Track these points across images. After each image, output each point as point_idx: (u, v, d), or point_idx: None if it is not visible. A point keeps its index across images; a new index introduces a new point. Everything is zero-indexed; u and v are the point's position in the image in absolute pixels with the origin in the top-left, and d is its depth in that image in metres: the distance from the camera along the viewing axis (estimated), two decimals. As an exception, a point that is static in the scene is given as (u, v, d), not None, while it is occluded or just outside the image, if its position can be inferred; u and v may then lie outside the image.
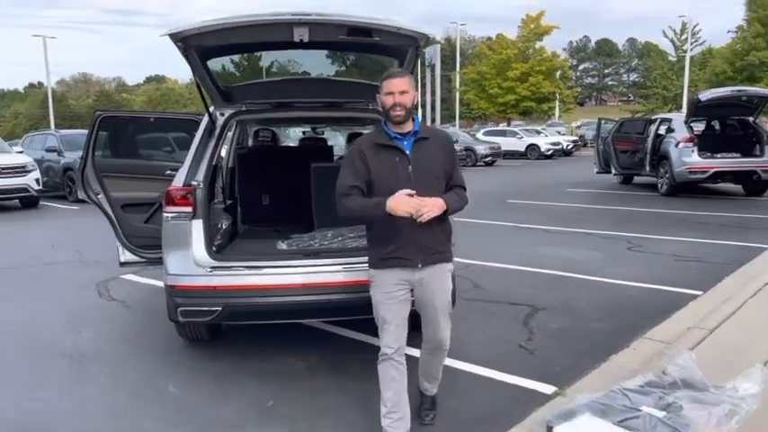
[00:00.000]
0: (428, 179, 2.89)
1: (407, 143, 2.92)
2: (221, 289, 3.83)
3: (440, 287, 3.03)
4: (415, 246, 2.90)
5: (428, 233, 2.90)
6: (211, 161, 4.17)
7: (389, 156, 2.89)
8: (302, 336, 4.75)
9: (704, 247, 8.10)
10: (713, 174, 12.96)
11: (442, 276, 3.04)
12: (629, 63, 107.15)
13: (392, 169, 2.87)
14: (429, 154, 2.94)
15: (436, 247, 2.97)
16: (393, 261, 2.93)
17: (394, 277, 2.95)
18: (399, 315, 2.97)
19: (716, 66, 43.30)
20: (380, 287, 2.99)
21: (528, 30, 44.12)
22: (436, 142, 3.01)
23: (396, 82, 2.87)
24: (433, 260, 2.98)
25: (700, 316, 4.98)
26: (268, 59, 4.58)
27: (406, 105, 2.86)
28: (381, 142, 2.92)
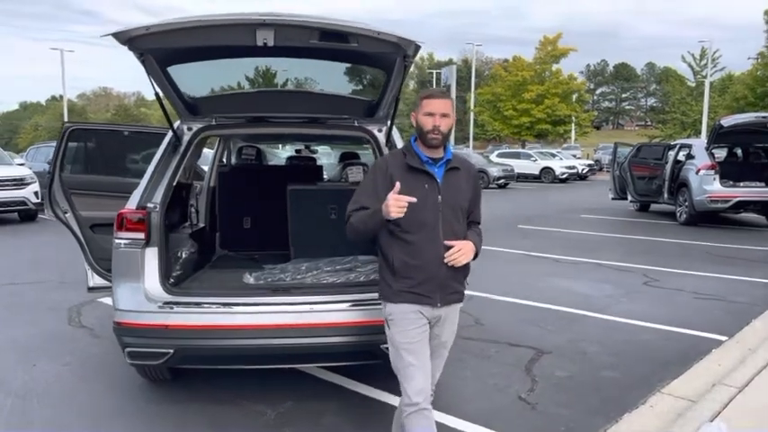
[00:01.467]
0: (455, 212, 2.71)
1: (439, 171, 2.71)
2: (174, 328, 3.35)
3: (450, 323, 2.86)
4: (436, 284, 2.69)
5: (452, 272, 2.70)
6: (172, 181, 3.72)
7: (419, 181, 2.66)
8: (274, 376, 4.23)
9: (727, 283, 7.49)
10: (736, 203, 12.32)
11: (454, 315, 2.87)
12: (647, 88, 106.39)
13: (420, 196, 2.60)
14: (458, 185, 2.75)
15: (456, 287, 2.78)
16: (411, 296, 2.69)
17: (413, 312, 2.70)
18: (424, 355, 2.71)
19: (736, 91, 42.57)
20: (400, 325, 2.70)
21: (545, 52, 43.77)
22: (466, 174, 2.81)
23: (438, 103, 2.65)
24: (451, 300, 2.78)
25: (725, 367, 4.42)
26: (247, 69, 4.10)
27: (444, 131, 2.66)
28: (414, 165, 2.68)
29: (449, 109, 2.67)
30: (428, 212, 2.61)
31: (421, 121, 2.66)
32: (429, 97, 2.68)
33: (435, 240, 2.62)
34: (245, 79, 4.11)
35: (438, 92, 2.75)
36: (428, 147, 2.66)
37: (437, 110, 2.63)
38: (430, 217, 2.61)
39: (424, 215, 2.60)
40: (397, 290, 2.70)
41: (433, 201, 2.63)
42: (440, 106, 2.64)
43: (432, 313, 2.73)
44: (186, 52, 3.27)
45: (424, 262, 2.63)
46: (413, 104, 2.79)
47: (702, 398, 3.73)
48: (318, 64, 3.71)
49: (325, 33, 2.96)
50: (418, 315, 2.69)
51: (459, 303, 2.86)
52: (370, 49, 3.09)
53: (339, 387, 4.13)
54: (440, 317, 2.76)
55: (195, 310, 3.39)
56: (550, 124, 43.37)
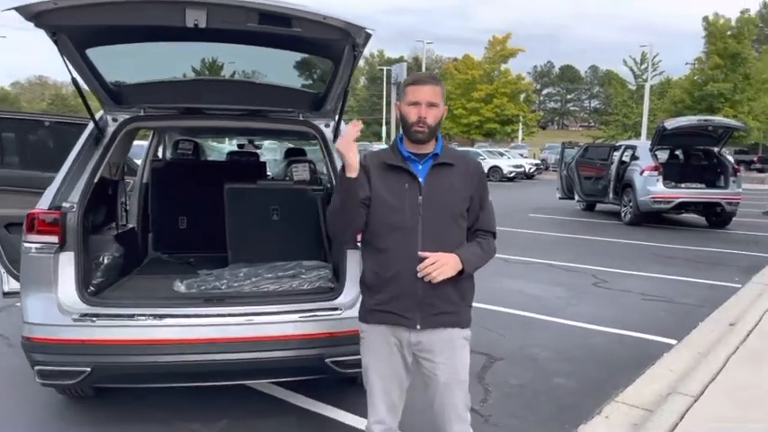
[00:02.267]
0: (441, 216, 2.28)
1: (423, 167, 2.30)
2: (91, 344, 2.97)
3: (446, 358, 2.34)
4: (413, 300, 2.26)
5: (436, 288, 2.23)
6: (93, 177, 3.33)
7: (398, 180, 2.28)
8: (210, 390, 3.87)
9: (672, 284, 7.56)
10: (678, 204, 12.60)
11: (449, 344, 2.35)
12: (590, 90, 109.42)
13: (398, 196, 2.25)
14: (449, 184, 2.30)
15: (443, 307, 2.29)
16: (383, 315, 2.31)
17: (385, 336, 2.34)
18: (392, 384, 2.37)
19: (675, 95, 44.20)
20: (370, 347, 2.38)
21: (494, 51, 44.32)
22: (462, 171, 2.34)
23: (424, 91, 2.25)
24: (437, 322, 2.30)
25: (677, 373, 4.36)
26: (187, 57, 3.72)
27: (432, 123, 2.26)
28: (391, 162, 2.30)
29: (437, 97, 2.27)
30: (404, 215, 2.23)
31: (404, 112, 2.27)
32: (414, 83, 2.27)
33: (411, 248, 2.21)
34: (181, 67, 3.75)
35: (424, 77, 2.32)
36: (413, 141, 2.29)
37: (423, 98, 2.24)
38: (406, 220, 2.23)
39: (398, 217, 2.23)
40: (369, 307, 2.35)
41: (412, 202, 2.24)
42: (426, 94, 2.24)
43: (409, 338, 2.31)
44: (106, 33, 2.89)
45: (396, 274, 2.23)
46: (399, 94, 2.41)
47: (659, 408, 3.61)
48: (266, 55, 3.38)
49: (265, 16, 2.65)
50: (390, 340, 2.33)
51: (456, 329, 2.34)
52: (316, 35, 2.79)
53: (281, 401, 3.83)
54: (421, 343, 2.31)
55: (116, 322, 3.02)
56: (499, 123, 44.00)
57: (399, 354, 2.35)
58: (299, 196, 4.12)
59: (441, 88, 2.31)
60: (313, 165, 5.28)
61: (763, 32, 61.23)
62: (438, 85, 2.30)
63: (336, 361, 3.08)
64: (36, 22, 2.58)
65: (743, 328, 5.14)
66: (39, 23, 2.60)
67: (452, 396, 2.37)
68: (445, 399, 2.37)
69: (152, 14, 2.63)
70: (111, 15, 2.62)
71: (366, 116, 73.94)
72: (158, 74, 3.55)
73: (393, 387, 2.38)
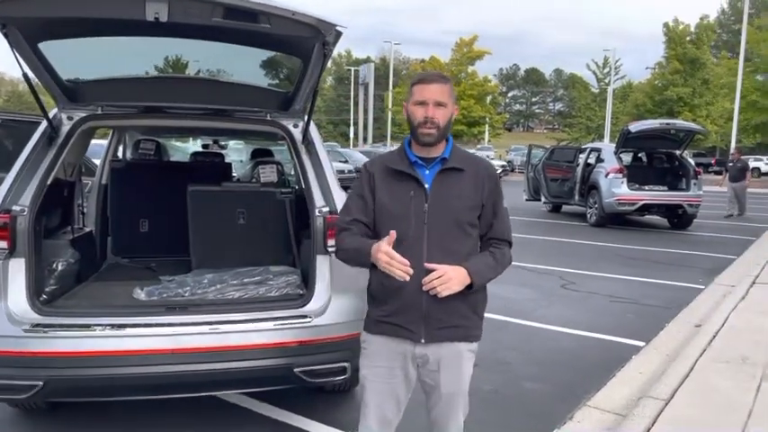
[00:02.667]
0: (449, 225, 2.16)
1: (430, 173, 2.18)
2: (43, 356, 2.79)
3: (451, 371, 2.24)
4: (417, 313, 2.15)
5: (441, 301, 2.11)
6: (47, 179, 3.14)
7: (403, 187, 2.16)
8: (174, 402, 3.71)
9: (638, 286, 7.65)
10: (641, 206, 12.81)
11: (455, 358, 2.23)
12: (555, 93, 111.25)
13: (402, 204, 2.14)
14: (458, 191, 2.17)
15: (450, 320, 2.18)
16: (387, 327, 2.21)
17: (388, 348, 2.23)
18: (386, 400, 2.25)
19: (636, 99, 45.22)
20: (369, 358, 2.27)
21: (461, 53, 44.61)
22: (473, 176, 2.21)
23: (432, 89, 2.13)
24: (443, 337, 2.18)
25: (647, 376, 4.37)
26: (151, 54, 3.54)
27: (440, 124, 2.13)
28: (396, 167, 2.19)
29: (446, 96, 2.14)
30: (409, 224, 2.12)
31: (411, 112, 2.16)
32: (421, 82, 2.16)
33: (416, 259, 2.06)
34: (143, 63, 3.57)
35: (432, 75, 2.20)
36: (421, 144, 2.17)
37: (430, 97, 2.11)
38: (412, 229, 2.11)
39: (403, 227, 2.09)
40: (374, 318, 2.25)
41: (417, 210, 2.12)
42: (434, 93, 2.12)
43: (414, 351, 2.20)
44: (60, 26, 2.72)
45: (401, 285, 2.08)
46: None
47: (631, 412, 3.59)
48: (233, 52, 3.24)
49: (231, 10, 2.51)
50: (392, 354, 2.22)
51: (464, 343, 2.23)
52: (285, 31, 2.67)
53: (248, 411, 3.69)
54: (426, 356, 2.20)
55: (70, 333, 2.84)
56: (466, 125, 44.25)
57: (401, 368, 2.24)
58: (266, 199, 3.97)
59: (449, 87, 2.18)
60: (281, 166, 5.14)
61: (722, 38, 63.15)
62: (446, 83, 2.18)
63: (305, 371, 2.97)
64: None
65: (709, 330, 5.19)
66: None
67: (453, 406, 2.30)
68: (446, 409, 2.30)
69: (109, 7, 2.47)
70: (64, 7, 2.45)
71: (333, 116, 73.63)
72: (118, 70, 3.38)
73: (388, 403, 2.27)
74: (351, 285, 3.04)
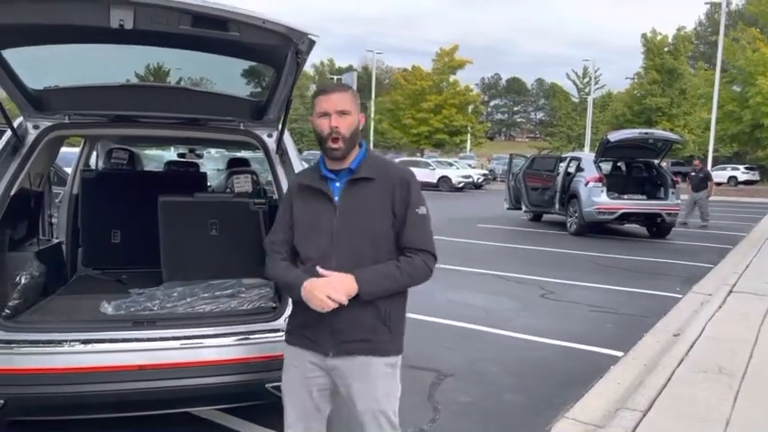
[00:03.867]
0: (359, 238, 2.10)
1: (340, 185, 2.14)
2: (5, 374, 2.69)
3: (363, 386, 2.16)
4: (324, 327, 2.13)
5: (343, 314, 2.07)
6: (10, 189, 3.04)
7: (314, 203, 2.16)
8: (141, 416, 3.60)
9: (617, 295, 7.67)
10: (621, 215, 12.91)
11: (365, 371, 2.16)
12: (536, 102, 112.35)
13: (313, 222, 2.13)
14: (367, 201, 2.11)
15: (357, 334, 2.12)
16: (300, 339, 2.23)
17: (302, 358, 2.23)
18: (305, 409, 2.25)
19: (616, 108, 45.81)
20: (288, 369, 2.29)
21: (442, 63, 44.88)
22: (383, 185, 2.13)
23: (333, 98, 2.09)
24: (351, 350, 2.14)
25: (624, 387, 4.36)
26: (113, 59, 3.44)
27: (345, 134, 2.08)
28: (306, 183, 2.20)
29: (348, 104, 2.10)
30: (320, 240, 2.11)
31: (316, 126, 2.12)
32: (321, 93, 2.13)
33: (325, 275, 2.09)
34: (111, 72, 3.49)
35: (332, 84, 2.26)
36: (330, 159, 2.14)
37: (332, 107, 2.08)
38: (322, 245, 2.10)
39: (315, 243, 2.12)
40: (289, 329, 2.30)
41: (327, 224, 2.10)
42: (335, 102, 2.08)
43: (324, 363, 2.19)
44: (23, 32, 2.64)
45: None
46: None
47: (608, 424, 3.57)
48: (204, 60, 3.17)
49: (199, 18, 2.46)
50: (306, 363, 2.22)
51: (372, 357, 2.15)
52: (256, 40, 2.62)
53: (223, 428, 3.59)
54: (338, 369, 2.17)
55: (34, 349, 2.75)
56: (448, 134, 44.49)
57: (318, 375, 2.22)
58: (239, 210, 3.90)
59: (351, 95, 2.14)
60: (255, 176, 5.06)
61: (699, 49, 64.27)
62: (347, 91, 2.15)
63: (277, 386, 2.89)
64: None
65: (687, 339, 5.20)
66: None
67: (371, 427, 2.19)
68: (362, 429, 2.20)
69: (72, 13, 2.39)
70: (26, 13, 2.37)
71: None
72: (86, 78, 3.30)
73: (307, 411, 2.27)
74: None
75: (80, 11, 2.39)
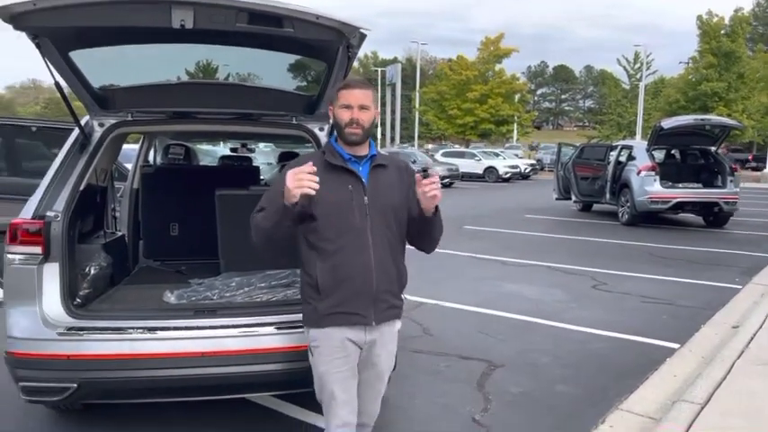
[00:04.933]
0: (385, 216, 2.38)
1: (363, 169, 2.40)
2: (77, 359, 2.85)
3: (387, 347, 2.50)
4: (368, 299, 2.34)
5: (386, 284, 2.38)
6: (79, 185, 3.21)
7: (341, 181, 2.34)
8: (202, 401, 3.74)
9: (672, 286, 7.46)
10: (675, 204, 12.52)
11: (392, 337, 2.52)
12: (585, 89, 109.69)
13: (344, 198, 2.32)
14: (389, 184, 2.42)
15: (391, 300, 2.43)
16: (339, 317, 2.34)
17: (342, 337, 2.37)
18: (351, 387, 2.42)
19: (669, 95, 44.21)
20: (325, 353, 2.38)
21: (487, 52, 44.27)
22: (396, 170, 2.49)
23: (356, 93, 2.34)
24: (388, 317, 2.43)
25: (681, 379, 4.27)
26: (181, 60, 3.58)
27: (365, 125, 2.34)
28: (334, 162, 2.36)
29: (369, 100, 2.36)
30: (354, 216, 2.31)
31: (338, 115, 2.35)
32: (345, 87, 2.37)
33: (364, 248, 2.31)
34: (171, 70, 3.62)
35: (356, 81, 2.41)
36: (348, 144, 2.37)
37: (355, 101, 2.32)
38: (357, 221, 2.31)
39: (349, 219, 2.30)
40: (322, 312, 2.35)
41: (359, 203, 2.33)
42: (358, 97, 2.33)
43: (364, 337, 2.39)
44: (89, 35, 2.78)
45: (351, 274, 2.31)
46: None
47: (665, 417, 3.51)
48: (258, 56, 3.27)
49: (255, 16, 2.53)
50: (345, 342, 2.37)
51: (397, 321, 2.51)
52: (309, 35, 2.68)
53: (279, 414, 3.71)
54: (374, 341, 2.42)
55: (102, 336, 2.90)
56: (494, 124, 43.91)
57: (355, 351, 2.40)
58: None
59: (372, 92, 2.41)
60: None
61: (757, 31, 61.44)
62: (369, 89, 2.40)
63: None
64: (15, 25, 2.46)
65: (747, 331, 5.05)
66: (18, 26, 2.48)
67: (382, 382, 2.56)
68: (376, 384, 2.54)
69: (136, 15, 2.51)
70: (93, 17, 2.50)
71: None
72: (146, 77, 3.44)
73: (352, 388, 2.42)
74: None
75: (144, 13, 2.51)
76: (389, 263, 2.38)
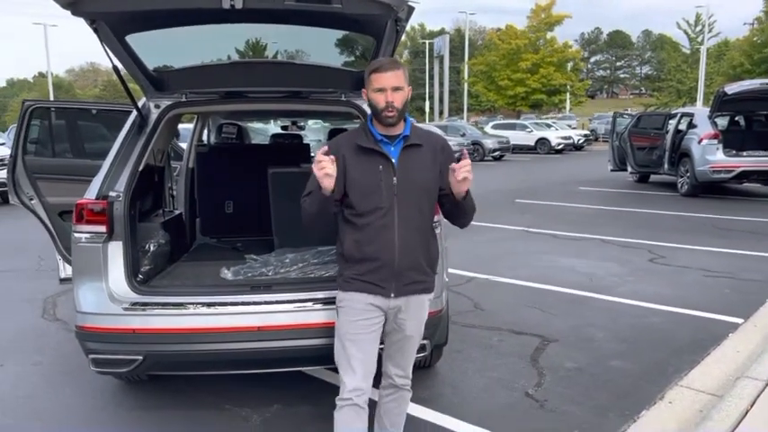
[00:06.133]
0: (417, 195, 2.45)
1: (395, 149, 2.45)
2: (142, 333, 2.99)
3: (414, 315, 2.58)
4: (389, 273, 2.45)
5: (410, 261, 2.47)
6: (138, 165, 3.32)
7: (372, 162, 2.42)
8: (261, 375, 3.85)
9: (736, 259, 7.18)
10: (739, 173, 11.98)
11: (418, 306, 2.60)
12: (641, 55, 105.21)
13: (373, 179, 2.41)
14: (421, 164, 2.47)
15: (415, 277, 2.51)
16: (361, 284, 2.48)
17: (365, 301, 2.49)
18: (369, 350, 2.51)
19: (733, 58, 42.02)
20: (348, 314, 2.51)
21: (538, 19, 42.99)
22: (431, 150, 2.52)
23: (388, 77, 2.37)
24: (409, 291, 2.52)
25: (744, 355, 4.13)
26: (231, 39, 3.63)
27: (399, 107, 2.39)
28: (364, 145, 2.44)
29: (401, 81, 2.39)
30: (381, 196, 2.39)
31: (372, 99, 2.41)
32: (377, 71, 2.39)
33: (389, 226, 2.41)
34: (221, 50, 3.68)
35: (386, 63, 2.42)
36: (384, 125, 2.43)
37: (388, 84, 2.36)
38: (384, 200, 2.40)
39: (378, 198, 2.40)
40: (347, 277, 2.51)
41: (387, 183, 2.40)
42: (390, 80, 2.36)
43: (387, 304, 2.49)
44: (144, 18, 2.84)
45: (375, 248, 2.42)
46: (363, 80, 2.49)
47: (727, 393, 3.41)
48: (306, 34, 3.28)
49: None
50: (369, 306, 2.47)
51: (425, 295, 2.59)
52: (357, 11, 2.67)
53: (332, 386, 3.79)
54: (398, 307, 2.52)
55: (164, 311, 3.03)
56: (545, 94, 42.82)
57: (376, 319, 2.49)
58: None
59: (403, 71, 2.41)
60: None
61: (831, -14, 57.25)
62: (400, 68, 2.40)
63: None
64: (73, 10, 2.54)
65: (816, 306, 4.83)
66: (76, 11, 2.56)
67: (411, 346, 2.64)
68: (405, 347, 2.62)
69: None
70: (148, 1, 2.56)
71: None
72: (199, 58, 3.50)
73: (372, 354, 2.50)
74: None
75: None
76: (415, 242, 2.46)
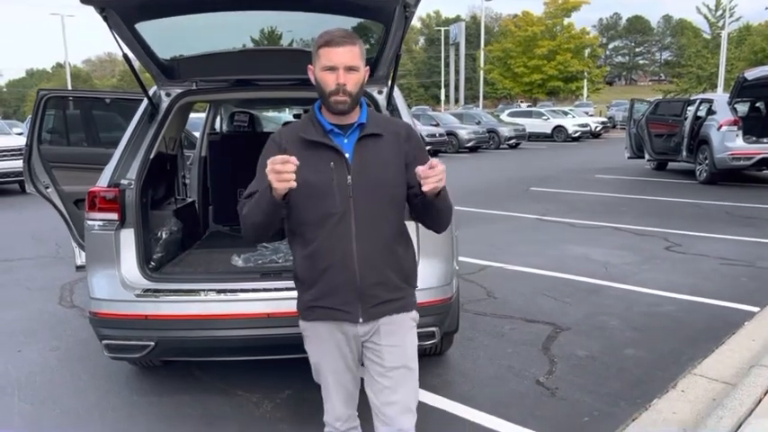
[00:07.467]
0: (378, 195, 1.96)
1: (349, 141, 1.97)
2: (154, 319, 3.02)
3: (393, 341, 2.06)
4: (352, 293, 1.97)
5: (377, 274, 1.98)
6: (149, 153, 3.34)
7: (320, 159, 1.94)
8: (272, 362, 3.88)
9: (754, 247, 7.08)
10: (759, 160, 11.77)
11: (395, 329, 2.07)
12: (661, 41, 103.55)
13: (322, 179, 1.92)
14: (382, 157, 1.98)
15: (383, 295, 2.01)
16: (321, 312, 2.03)
17: (328, 331, 2.07)
18: (347, 378, 2.15)
19: (754, 43, 41.24)
20: (314, 345, 2.13)
21: (555, 5, 42.45)
22: (393, 140, 2.02)
23: (340, 52, 1.88)
24: (381, 313, 2.03)
25: (760, 344, 4.08)
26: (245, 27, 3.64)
27: (352, 91, 1.92)
28: (310, 138, 1.96)
29: (356, 59, 1.91)
30: (334, 199, 1.92)
31: (320, 79, 1.92)
32: (327, 44, 1.89)
33: (345, 236, 1.93)
34: (231, 38, 3.68)
35: (339, 36, 1.90)
36: (333, 113, 1.96)
37: (340, 61, 1.88)
38: (337, 205, 1.92)
39: (328, 203, 1.92)
40: (305, 304, 2.07)
41: (341, 183, 1.92)
42: (343, 56, 1.88)
43: (355, 331, 2.05)
44: (154, 6, 2.85)
45: (331, 265, 1.95)
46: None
47: (741, 382, 3.37)
48: (317, 21, 3.26)
49: None
50: (336, 334, 2.07)
51: (404, 314, 2.07)
52: None
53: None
54: (368, 332, 2.05)
55: (176, 298, 3.06)
56: (562, 81, 42.39)
57: (348, 347, 2.09)
58: None
59: (360, 48, 1.93)
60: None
61: None
62: (356, 44, 1.92)
63: None
64: (92, 2, 2.55)
65: (835, 295, 4.75)
66: (85, 0, 2.57)
67: (401, 383, 2.07)
68: (392, 385, 2.06)
69: None
70: None
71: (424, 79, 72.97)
72: (208, 46, 3.50)
73: (347, 380, 2.14)
74: (438, 250, 3.08)
75: None
76: (380, 253, 1.98)
